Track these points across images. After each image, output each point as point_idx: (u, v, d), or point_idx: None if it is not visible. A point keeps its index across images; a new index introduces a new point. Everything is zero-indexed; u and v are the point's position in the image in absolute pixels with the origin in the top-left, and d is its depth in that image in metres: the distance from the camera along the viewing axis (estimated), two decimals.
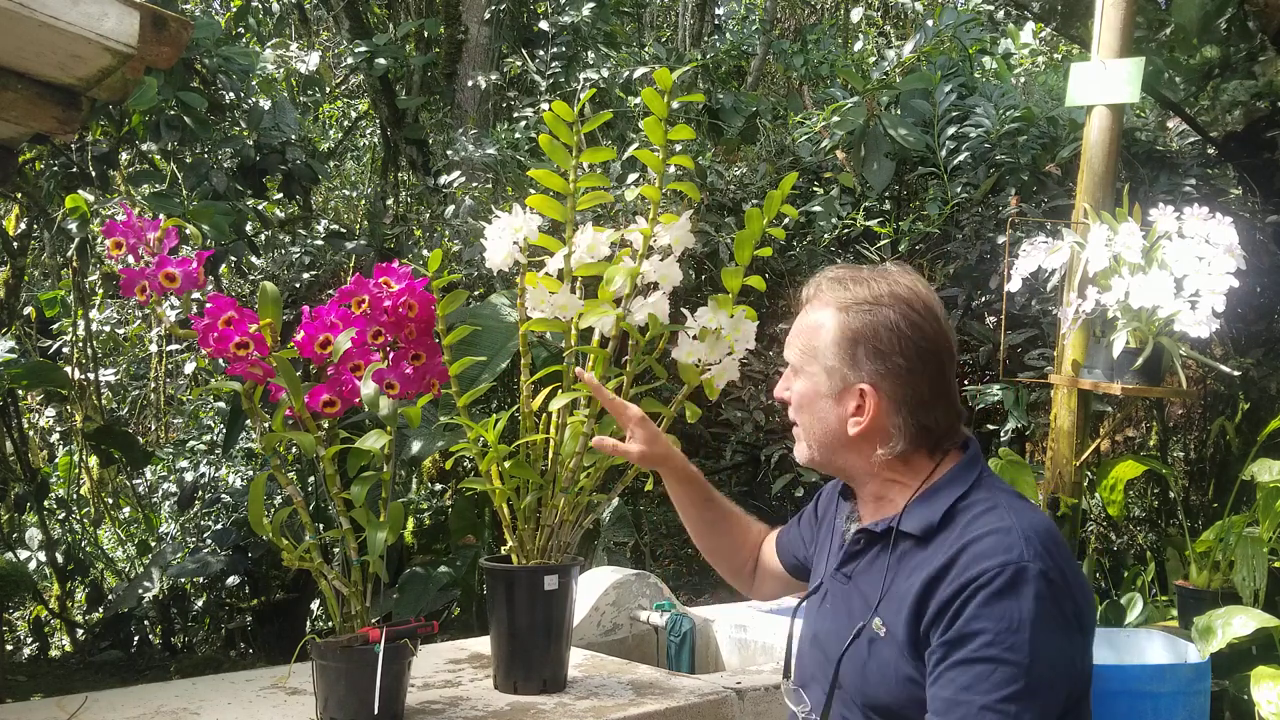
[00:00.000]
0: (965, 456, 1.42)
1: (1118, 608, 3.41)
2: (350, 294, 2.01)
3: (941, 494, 1.38)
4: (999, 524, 1.32)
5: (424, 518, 5.36)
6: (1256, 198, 4.73)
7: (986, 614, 1.25)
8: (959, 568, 1.29)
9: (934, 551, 1.34)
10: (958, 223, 4.32)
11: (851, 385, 1.41)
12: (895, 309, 1.40)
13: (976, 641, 1.24)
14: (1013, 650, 1.23)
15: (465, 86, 6.45)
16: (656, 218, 2.14)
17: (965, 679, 1.24)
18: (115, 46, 2.27)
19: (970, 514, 1.35)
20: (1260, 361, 4.36)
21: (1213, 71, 5.02)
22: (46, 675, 5.53)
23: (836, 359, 1.41)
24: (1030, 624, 1.24)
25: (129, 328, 7.74)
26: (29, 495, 5.86)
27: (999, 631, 1.24)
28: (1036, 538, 1.30)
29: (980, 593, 1.26)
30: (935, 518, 1.36)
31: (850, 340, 1.40)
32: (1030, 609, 1.24)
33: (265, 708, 2.06)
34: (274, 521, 1.97)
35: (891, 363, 1.38)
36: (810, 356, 1.44)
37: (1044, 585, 1.26)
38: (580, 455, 2.16)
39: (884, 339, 1.39)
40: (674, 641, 2.76)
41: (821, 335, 1.43)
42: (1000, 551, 1.28)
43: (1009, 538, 1.29)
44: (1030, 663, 1.23)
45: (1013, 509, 1.34)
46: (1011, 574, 1.26)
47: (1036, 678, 1.23)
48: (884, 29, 9.25)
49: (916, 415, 1.40)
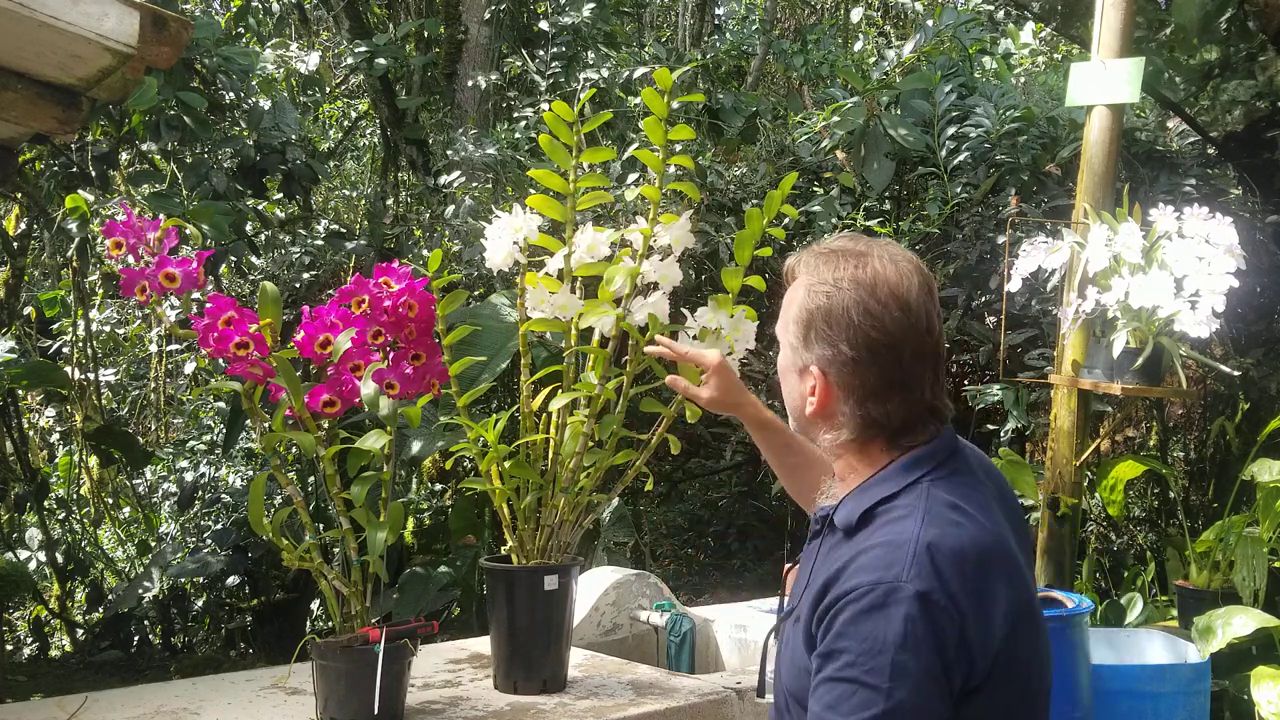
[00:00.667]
0: (914, 454, 1.35)
1: (1118, 608, 3.41)
2: (350, 294, 2.01)
3: (871, 491, 1.34)
4: (896, 536, 1.26)
5: (424, 518, 5.37)
6: (1256, 198, 4.73)
7: (852, 632, 1.21)
8: (845, 575, 1.25)
9: (849, 549, 1.30)
10: (958, 223, 4.32)
11: (806, 365, 1.39)
12: (851, 294, 1.34)
13: (840, 660, 1.21)
14: (872, 674, 1.18)
15: (465, 86, 6.45)
16: (656, 218, 2.14)
17: (830, 697, 1.21)
18: (115, 46, 2.27)
19: (884, 519, 1.30)
20: (1260, 361, 4.36)
21: (1213, 71, 5.02)
22: (46, 675, 5.53)
23: (795, 337, 1.39)
24: (894, 647, 1.18)
25: (129, 328, 7.74)
26: (29, 495, 5.86)
27: (860, 652, 1.19)
28: (932, 556, 1.22)
29: (849, 608, 1.22)
30: (854, 517, 1.32)
31: (805, 321, 1.37)
32: (897, 631, 1.19)
33: (265, 708, 2.06)
34: (274, 521, 1.97)
35: (838, 349, 1.34)
36: (783, 329, 1.43)
37: (918, 607, 1.19)
38: (580, 455, 2.16)
39: (834, 324, 1.34)
40: (674, 641, 2.76)
41: (789, 310, 1.41)
42: (879, 567, 1.23)
43: (896, 553, 1.23)
44: (890, 687, 1.18)
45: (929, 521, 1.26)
46: (882, 593, 1.20)
47: (897, 704, 1.17)
48: (884, 29, 9.26)
49: (864, 405, 1.35)
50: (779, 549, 5.41)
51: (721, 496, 6.45)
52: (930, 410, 1.36)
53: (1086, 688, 2.73)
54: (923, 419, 1.36)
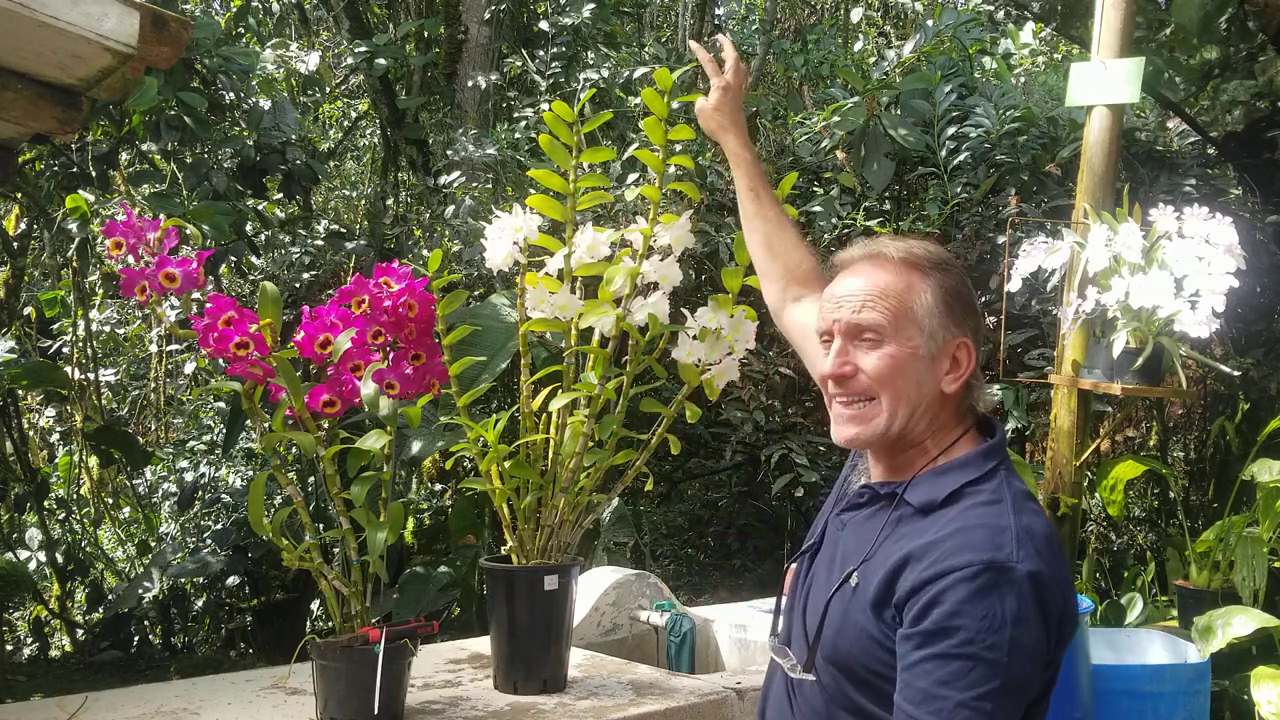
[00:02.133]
0: (989, 444, 1.42)
1: (1118, 608, 3.41)
2: (350, 294, 2.01)
3: (953, 473, 1.39)
4: (996, 520, 1.31)
5: (424, 518, 5.37)
6: (1256, 198, 4.73)
7: (969, 610, 1.25)
8: (943, 552, 1.29)
9: (927, 526, 1.35)
10: (958, 223, 4.32)
11: (950, 341, 1.43)
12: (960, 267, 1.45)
13: (957, 637, 1.24)
14: (992, 649, 1.23)
15: (465, 86, 6.45)
16: (656, 218, 2.14)
17: (943, 673, 1.24)
18: (115, 46, 2.27)
19: (973, 500, 1.35)
20: (1260, 361, 4.36)
21: (1213, 71, 5.02)
22: (46, 675, 5.53)
23: (940, 318, 1.42)
24: (1011, 624, 1.24)
25: (129, 328, 7.74)
26: (29, 495, 5.86)
27: (980, 630, 1.24)
28: (1030, 540, 1.30)
29: (961, 585, 1.26)
30: (940, 495, 1.36)
31: (950, 298, 1.43)
32: (1013, 608, 1.25)
33: (265, 708, 2.06)
34: (274, 521, 1.97)
35: (978, 318, 1.45)
36: (906, 320, 1.42)
37: (1029, 587, 1.26)
38: (580, 455, 2.16)
39: (968, 297, 1.44)
40: (674, 641, 2.76)
41: (915, 297, 1.42)
42: (989, 548, 1.28)
43: (1001, 536, 1.29)
44: (1009, 661, 1.23)
45: (1015, 509, 1.34)
46: (996, 571, 1.26)
47: (1013, 676, 1.24)
48: (884, 29, 9.25)
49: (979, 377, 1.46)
50: (779, 549, 5.40)
51: (721, 496, 6.45)
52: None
53: (1086, 688, 2.73)
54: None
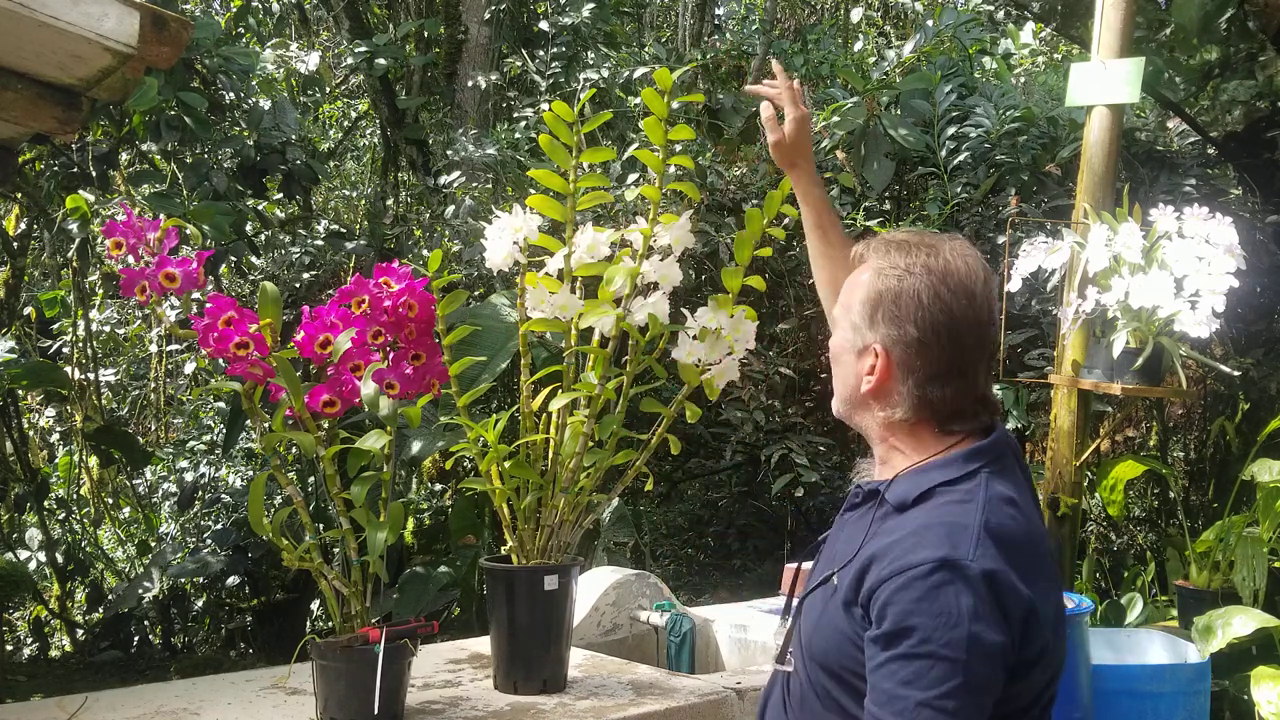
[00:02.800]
0: (976, 445, 1.41)
1: (1118, 608, 3.41)
2: (350, 294, 2.01)
3: (930, 473, 1.38)
4: (958, 518, 1.31)
5: (424, 518, 5.37)
6: (1256, 198, 4.73)
7: (924, 609, 1.24)
8: (901, 549, 1.29)
9: (900, 523, 1.35)
10: (958, 223, 4.32)
11: (868, 344, 1.44)
12: (922, 279, 1.41)
13: (914, 636, 1.24)
14: (949, 646, 1.23)
15: (465, 86, 6.45)
16: (656, 218, 2.14)
17: (904, 674, 1.24)
18: (115, 46, 2.27)
19: (943, 499, 1.35)
20: (1260, 361, 4.36)
21: (1213, 71, 5.02)
22: (46, 675, 5.53)
23: (860, 317, 1.45)
24: (969, 620, 1.23)
25: (129, 328, 7.74)
26: (29, 495, 5.86)
27: (936, 628, 1.23)
28: (993, 540, 1.28)
29: (915, 584, 1.25)
30: (911, 495, 1.37)
31: (874, 301, 1.43)
32: (968, 605, 1.24)
33: (265, 708, 2.06)
34: (274, 521, 1.97)
35: (904, 330, 1.40)
36: (845, 311, 1.48)
37: (983, 585, 1.25)
38: (580, 455, 2.16)
39: (902, 305, 1.41)
40: (674, 641, 2.76)
41: (855, 293, 1.46)
42: (944, 544, 1.27)
43: (960, 534, 1.28)
44: (968, 659, 1.23)
45: (986, 509, 1.32)
46: (950, 569, 1.25)
47: (973, 674, 1.23)
48: (884, 29, 9.25)
49: (922, 387, 1.41)
50: (779, 549, 5.40)
51: (721, 496, 6.45)
52: (981, 399, 1.44)
53: (1086, 688, 2.73)
54: (973, 407, 1.43)
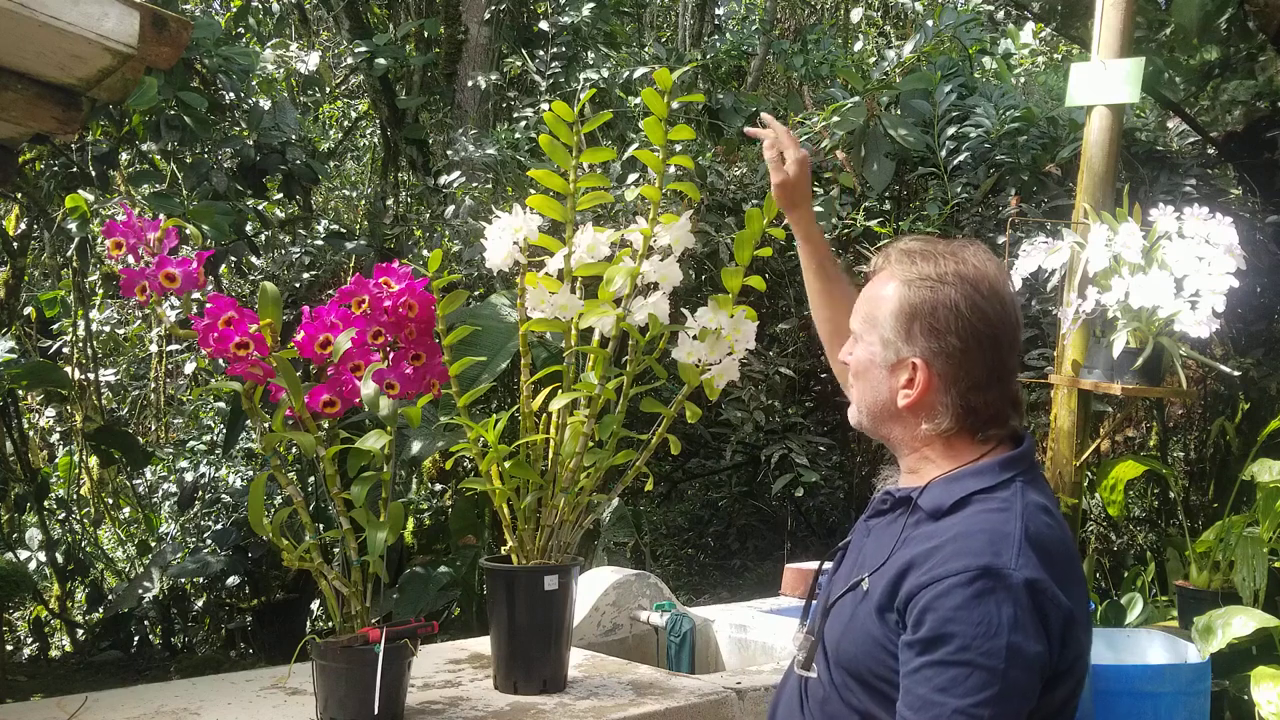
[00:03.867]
0: (1010, 454, 1.41)
1: (1118, 608, 3.40)
2: (350, 294, 2.01)
3: (965, 480, 1.38)
4: (999, 526, 1.30)
5: (424, 518, 5.37)
6: (1256, 198, 4.73)
7: (964, 616, 1.24)
8: (942, 557, 1.29)
9: (936, 530, 1.34)
10: (958, 223, 4.31)
11: (905, 358, 1.41)
12: (958, 288, 1.39)
13: (953, 644, 1.24)
14: (988, 656, 1.23)
15: (465, 86, 6.45)
16: (656, 218, 2.14)
17: (941, 680, 1.24)
18: (115, 46, 2.27)
19: (981, 507, 1.34)
20: (1260, 361, 4.36)
21: (1213, 71, 5.02)
22: (46, 675, 5.53)
23: (893, 331, 1.42)
24: (1009, 630, 1.23)
25: (129, 328, 7.74)
26: (29, 495, 5.86)
27: (975, 636, 1.23)
28: (1034, 549, 1.28)
29: (956, 591, 1.25)
30: (948, 501, 1.36)
31: (908, 314, 1.41)
32: (1009, 615, 1.24)
33: (265, 708, 2.06)
34: (274, 521, 1.97)
35: (946, 341, 1.39)
36: (870, 326, 1.45)
37: (1025, 594, 1.25)
38: (580, 455, 2.16)
39: (941, 317, 1.39)
40: (674, 641, 2.76)
41: (882, 306, 1.43)
42: (987, 553, 1.27)
43: (1001, 542, 1.28)
44: (1006, 668, 1.22)
45: (1025, 516, 1.32)
46: (993, 577, 1.25)
47: (1011, 683, 1.23)
48: (884, 29, 9.25)
49: (966, 396, 1.40)
50: (779, 549, 5.41)
51: (721, 496, 6.45)
52: (1014, 401, 1.44)
53: (1087, 688, 2.72)
54: (1009, 409, 1.43)
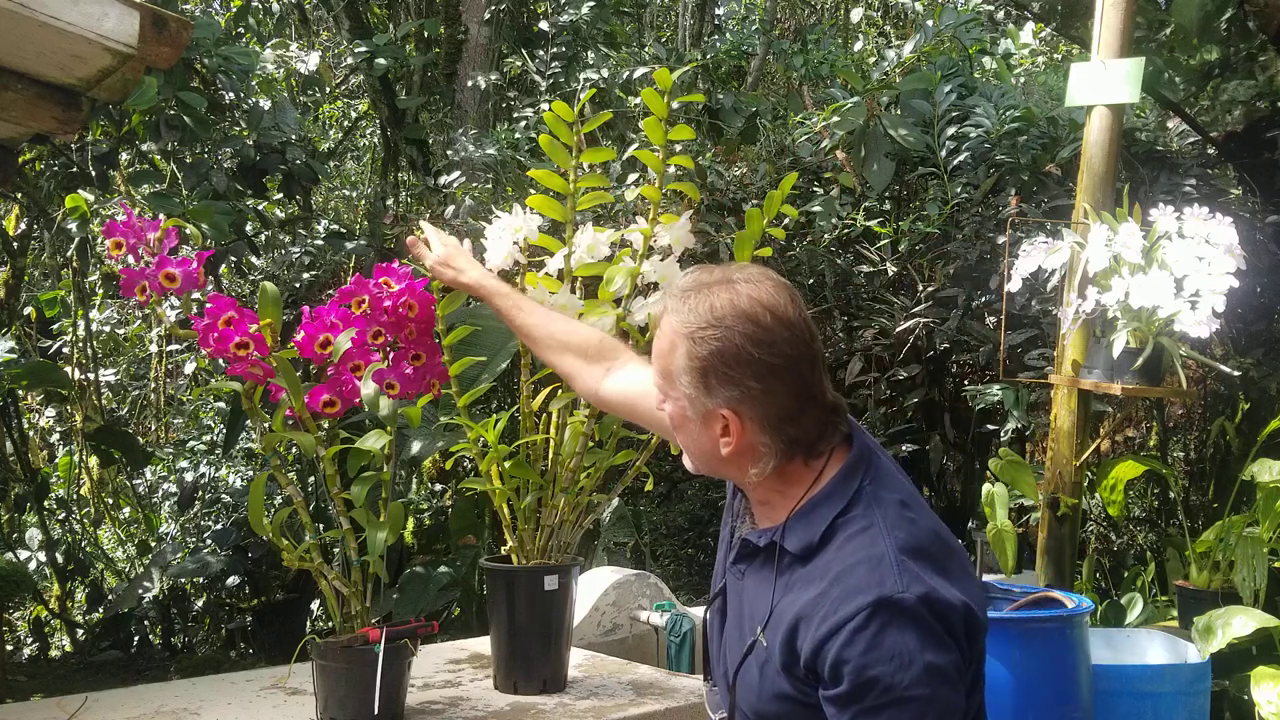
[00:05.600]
0: (846, 463, 1.37)
1: (1118, 608, 3.41)
2: (350, 294, 2.01)
3: (820, 509, 1.34)
4: (871, 551, 1.27)
5: (424, 518, 5.36)
6: (1256, 198, 4.73)
7: (875, 657, 1.21)
8: (830, 603, 1.25)
9: (812, 571, 1.30)
10: (958, 223, 4.31)
11: (712, 410, 1.35)
12: (739, 328, 1.32)
13: (876, 688, 1.21)
14: (913, 685, 1.20)
15: (465, 86, 6.45)
16: (656, 218, 2.14)
17: None
18: (115, 47, 2.27)
19: (846, 533, 1.31)
20: (1260, 361, 4.36)
21: (1213, 71, 5.02)
22: (46, 675, 5.53)
23: (691, 387, 1.36)
24: (920, 653, 1.21)
25: (129, 328, 7.74)
26: (29, 495, 5.85)
27: (894, 670, 1.20)
28: (911, 557, 1.26)
29: (859, 636, 1.22)
30: (814, 538, 1.32)
31: (700, 370, 1.34)
32: (916, 639, 1.21)
33: (265, 708, 2.06)
34: (274, 521, 1.97)
35: (745, 387, 1.32)
36: (670, 382, 1.39)
37: (924, 610, 1.22)
38: (580, 455, 2.16)
39: (733, 364, 1.32)
40: (674, 641, 2.76)
41: (675, 361, 1.37)
42: (872, 586, 1.24)
43: (881, 568, 1.25)
44: (932, 693, 1.20)
45: (888, 527, 1.29)
46: (885, 612, 1.22)
47: (942, 703, 1.21)
48: (884, 29, 9.25)
49: (782, 430, 1.34)
50: None
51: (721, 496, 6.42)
52: (832, 410, 1.38)
53: (1087, 688, 2.73)
54: (829, 421, 1.37)
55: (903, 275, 4.39)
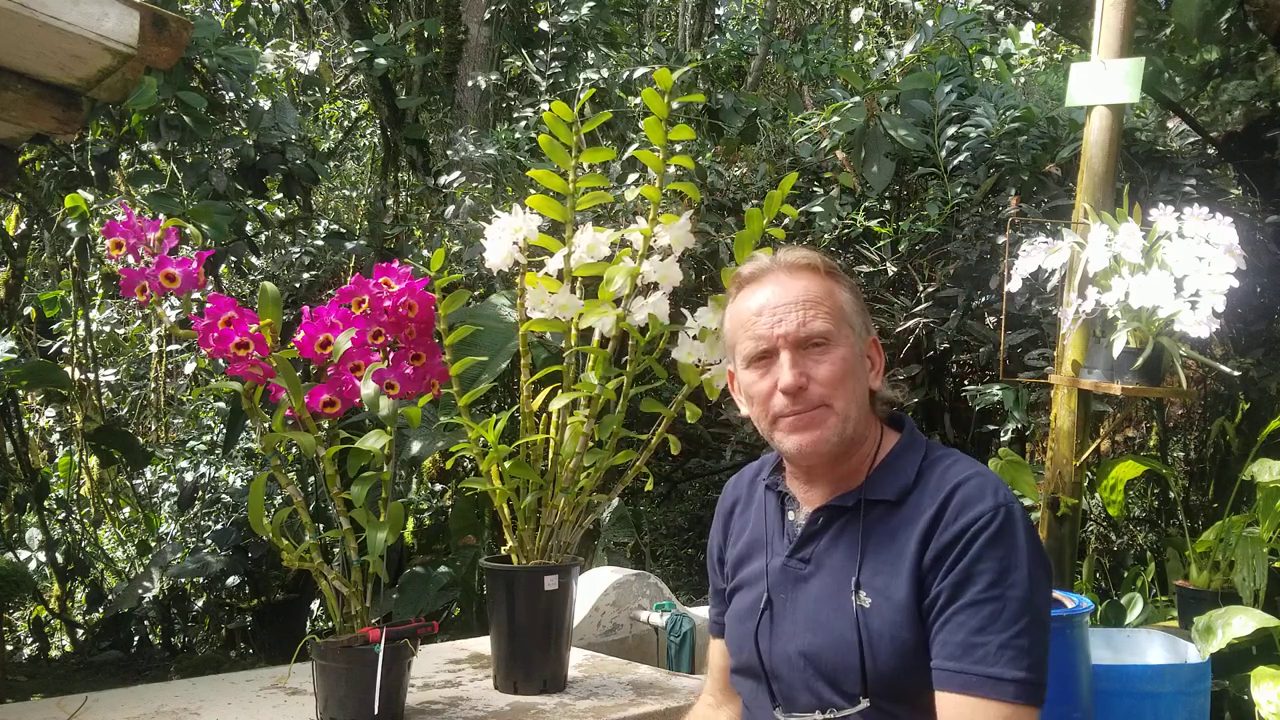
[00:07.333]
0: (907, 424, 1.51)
1: (1118, 608, 3.41)
2: (350, 294, 2.01)
3: (904, 458, 1.46)
4: (974, 470, 1.40)
5: (424, 518, 5.36)
6: (1256, 198, 4.73)
7: (989, 554, 1.31)
8: (953, 510, 1.36)
9: (913, 508, 1.40)
10: (958, 223, 4.31)
11: (870, 341, 1.51)
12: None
13: (982, 582, 1.30)
14: (1015, 586, 1.30)
15: (465, 86, 6.45)
16: (656, 218, 2.14)
17: (977, 621, 1.29)
18: (115, 46, 2.27)
19: (940, 467, 1.43)
20: (1260, 361, 4.35)
21: (1213, 71, 5.01)
22: (46, 675, 5.53)
23: (859, 322, 1.49)
24: (1026, 559, 1.32)
25: (129, 328, 7.74)
26: (29, 495, 5.86)
27: (1001, 570, 1.30)
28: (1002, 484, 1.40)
29: (981, 535, 1.32)
30: (909, 479, 1.43)
31: (860, 306, 1.51)
32: (1024, 545, 1.33)
33: (265, 708, 2.06)
34: (274, 521, 1.97)
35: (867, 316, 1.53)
36: (840, 322, 1.48)
37: (1026, 524, 1.35)
38: (580, 455, 2.16)
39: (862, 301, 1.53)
40: (674, 641, 2.76)
41: (840, 299, 1.49)
42: (989, 494, 1.36)
43: (990, 481, 1.38)
44: (1030, 595, 1.30)
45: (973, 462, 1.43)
46: (1005, 515, 1.34)
47: (1038, 608, 1.31)
48: (884, 29, 9.25)
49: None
50: None
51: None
52: None
53: (1086, 687, 2.73)
54: None
55: (903, 275, 4.39)
